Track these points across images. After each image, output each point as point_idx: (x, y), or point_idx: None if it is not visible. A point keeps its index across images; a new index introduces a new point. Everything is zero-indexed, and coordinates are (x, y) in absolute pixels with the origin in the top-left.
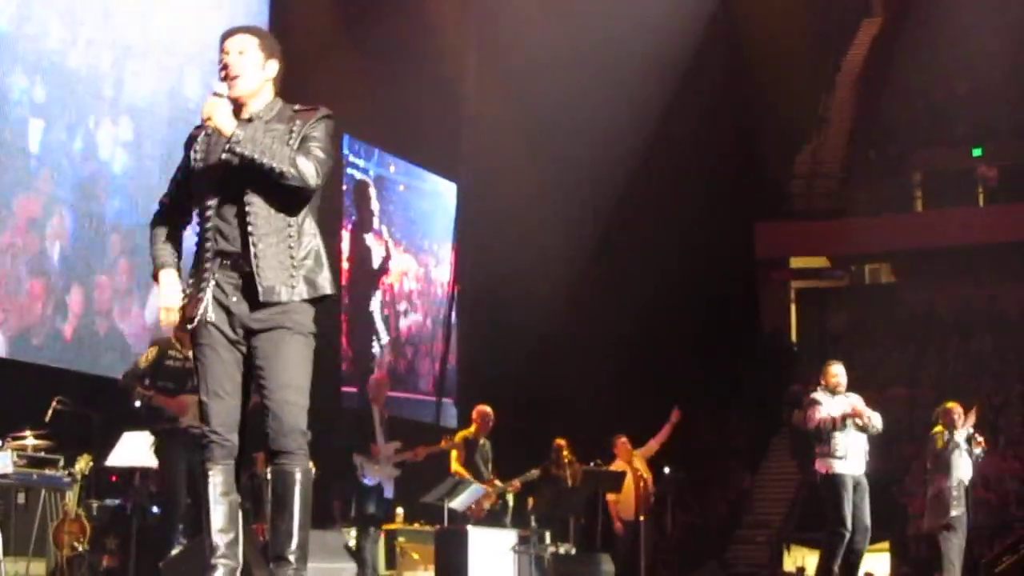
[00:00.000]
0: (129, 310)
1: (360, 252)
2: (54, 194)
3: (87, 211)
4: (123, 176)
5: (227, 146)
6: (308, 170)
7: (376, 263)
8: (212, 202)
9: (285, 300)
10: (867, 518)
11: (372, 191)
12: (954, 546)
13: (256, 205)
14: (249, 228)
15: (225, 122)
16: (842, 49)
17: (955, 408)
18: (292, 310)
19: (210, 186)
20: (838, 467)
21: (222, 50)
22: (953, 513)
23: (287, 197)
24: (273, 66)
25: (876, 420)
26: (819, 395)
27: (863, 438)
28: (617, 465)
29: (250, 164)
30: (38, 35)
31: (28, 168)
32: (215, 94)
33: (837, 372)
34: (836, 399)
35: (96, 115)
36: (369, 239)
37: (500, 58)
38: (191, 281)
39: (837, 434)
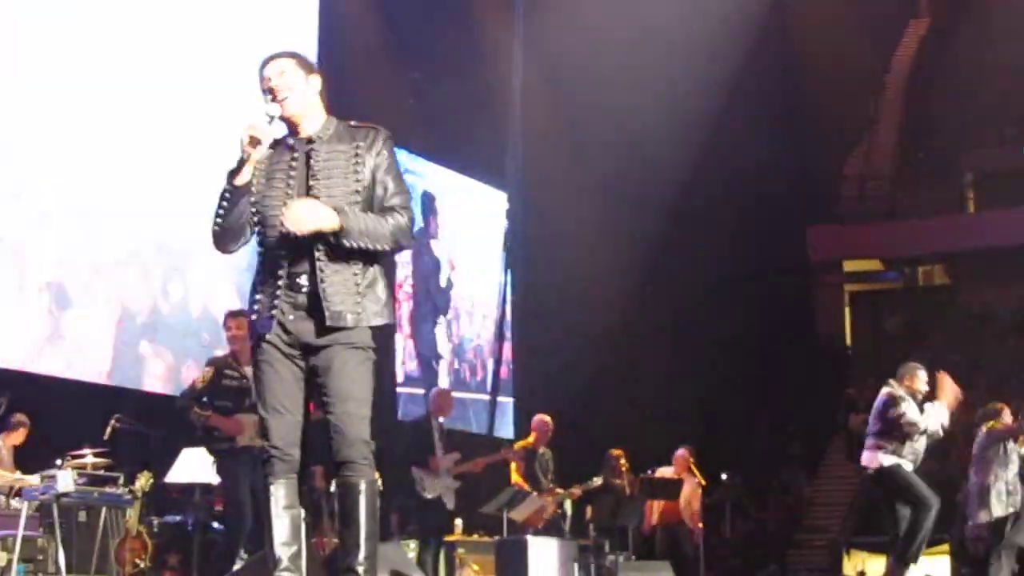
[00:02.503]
0: None
1: (426, 261)
2: None
3: None
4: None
5: (333, 239)
6: (404, 235)
7: (438, 271)
8: (277, 222)
9: (351, 325)
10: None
11: (437, 203)
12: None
13: (325, 238)
14: (317, 254)
15: (329, 221)
16: (890, 50)
17: (1005, 409)
18: (354, 331)
19: (275, 209)
20: (899, 460)
21: (263, 78)
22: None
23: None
24: (316, 80)
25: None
26: (899, 392)
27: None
28: (668, 472)
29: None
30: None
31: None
32: (268, 116)
33: (924, 378)
34: (913, 403)
35: None
36: (435, 247)
37: (547, 66)
38: (257, 298)
39: (918, 440)
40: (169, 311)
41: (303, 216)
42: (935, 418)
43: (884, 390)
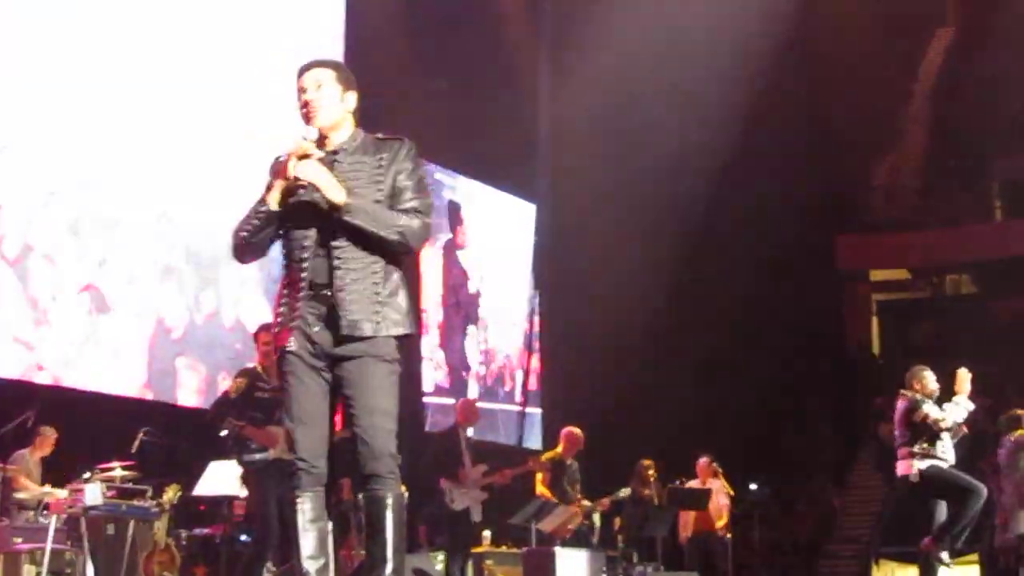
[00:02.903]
0: None
1: (454, 271)
2: None
3: None
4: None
5: (336, 216)
6: (414, 238)
7: (467, 281)
8: (301, 234)
9: (369, 335)
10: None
11: (464, 212)
12: None
13: (345, 241)
14: (336, 263)
15: (334, 192)
16: (917, 59)
17: None
18: (376, 341)
19: (299, 220)
20: (934, 462)
21: (300, 87)
22: None
23: (382, 248)
24: (352, 98)
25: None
26: (919, 398)
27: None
28: (697, 484)
29: (353, 227)
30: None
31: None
32: (304, 139)
33: (933, 378)
34: (931, 402)
35: None
36: (462, 257)
37: (574, 76)
38: (280, 310)
39: (944, 437)
40: (202, 323)
41: (315, 171)
42: (958, 412)
43: (901, 398)
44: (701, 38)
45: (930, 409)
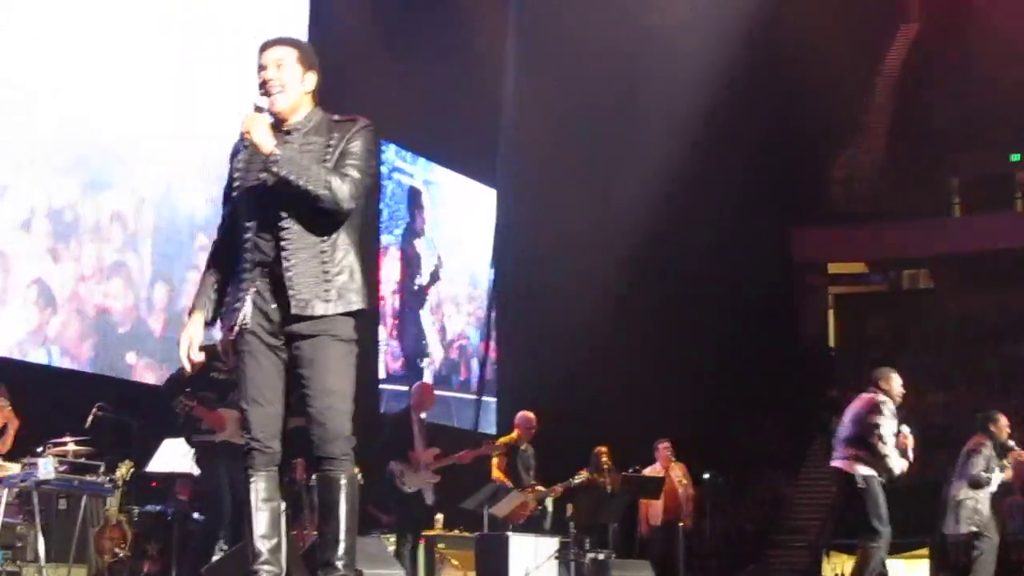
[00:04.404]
0: None
1: (411, 257)
2: None
3: None
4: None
5: (264, 164)
6: (342, 193)
7: (427, 268)
8: (250, 215)
9: (319, 314)
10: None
11: (425, 199)
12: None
13: (290, 220)
14: (283, 243)
15: (264, 139)
16: (880, 54)
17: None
18: (333, 320)
19: (248, 200)
20: (873, 472)
21: (260, 63)
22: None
23: (321, 216)
24: (312, 79)
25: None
26: (885, 403)
27: None
28: (655, 470)
29: (286, 183)
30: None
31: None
32: (256, 108)
33: (900, 382)
34: (891, 418)
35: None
36: (420, 244)
37: (539, 64)
38: (229, 291)
39: (890, 453)
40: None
41: (254, 123)
42: (898, 463)
43: (866, 395)
44: (665, 31)
45: (884, 425)
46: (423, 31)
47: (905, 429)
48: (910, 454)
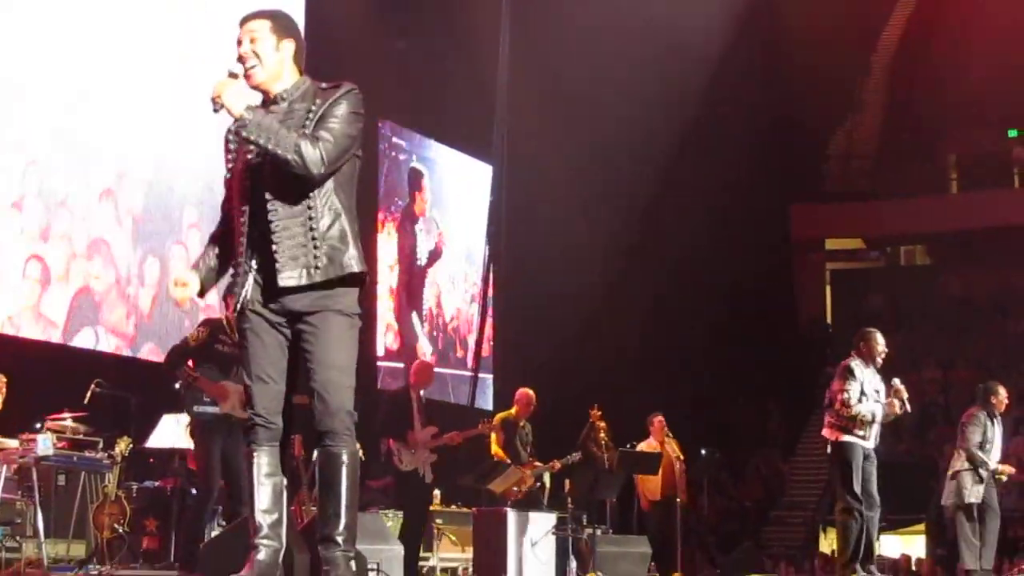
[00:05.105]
0: None
1: (409, 234)
2: None
3: None
4: None
5: (234, 127)
6: (312, 157)
7: (425, 245)
8: (243, 193)
9: (318, 280)
10: (875, 490)
11: (423, 176)
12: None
13: (274, 191)
14: (270, 215)
15: (233, 103)
16: (876, 31)
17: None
18: (334, 293)
19: (241, 178)
20: (850, 438)
21: (238, 39)
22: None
23: (296, 182)
24: (288, 46)
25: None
26: (856, 366)
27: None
28: (650, 444)
29: (263, 151)
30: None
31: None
32: (231, 74)
33: (882, 342)
34: (871, 372)
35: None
36: (420, 223)
37: (535, 38)
38: (232, 270)
39: (861, 408)
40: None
41: (225, 87)
42: (874, 408)
43: (844, 361)
44: (662, 10)
45: (851, 389)
46: (417, 7)
47: (896, 381)
48: (907, 405)
